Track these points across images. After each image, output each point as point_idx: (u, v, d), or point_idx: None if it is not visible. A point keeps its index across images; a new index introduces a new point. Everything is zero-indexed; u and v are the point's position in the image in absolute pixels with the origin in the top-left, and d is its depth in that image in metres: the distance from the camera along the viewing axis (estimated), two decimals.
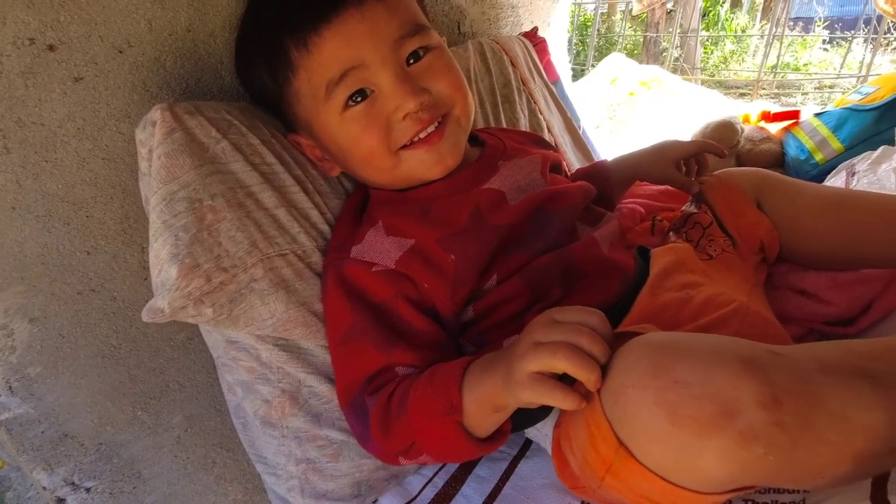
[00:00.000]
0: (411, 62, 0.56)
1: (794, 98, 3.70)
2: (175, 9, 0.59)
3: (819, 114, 1.39)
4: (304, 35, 0.52)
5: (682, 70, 3.97)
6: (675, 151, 0.72)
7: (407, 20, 0.55)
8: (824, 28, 5.17)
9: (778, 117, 1.49)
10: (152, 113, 0.52)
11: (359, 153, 0.57)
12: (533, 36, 1.13)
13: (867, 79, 2.62)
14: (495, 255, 0.57)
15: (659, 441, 0.36)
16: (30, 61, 0.50)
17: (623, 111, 2.05)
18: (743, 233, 0.65)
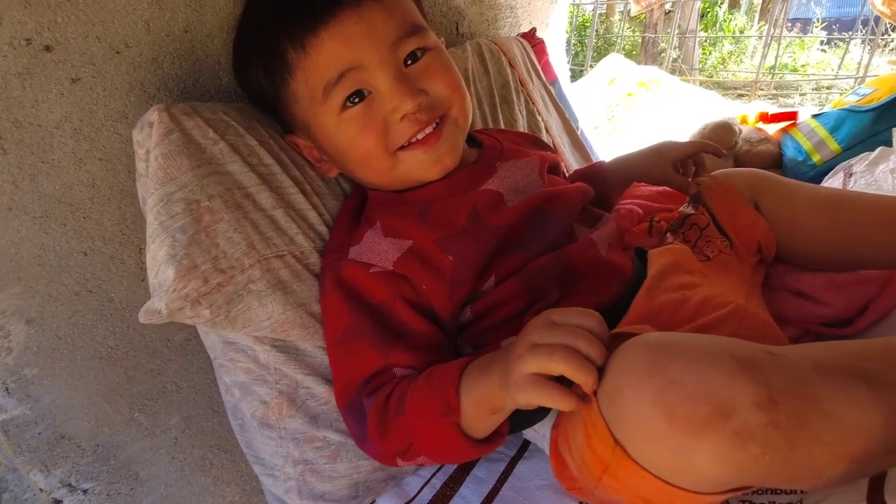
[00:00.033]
0: (409, 63, 0.56)
1: (792, 99, 3.70)
2: (173, 10, 0.59)
3: (817, 115, 1.40)
4: (302, 36, 0.52)
5: (681, 71, 3.97)
6: (673, 152, 0.72)
7: (404, 21, 0.55)
8: (822, 29, 5.19)
9: (776, 118, 1.49)
10: (149, 114, 0.52)
11: (356, 154, 0.57)
12: (531, 37, 1.13)
13: (865, 80, 2.62)
14: (493, 257, 0.57)
15: (655, 441, 0.36)
16: (26, 62, 0.50)
17: (621, 112, 2.05)
18: (740, 234, 0.65)
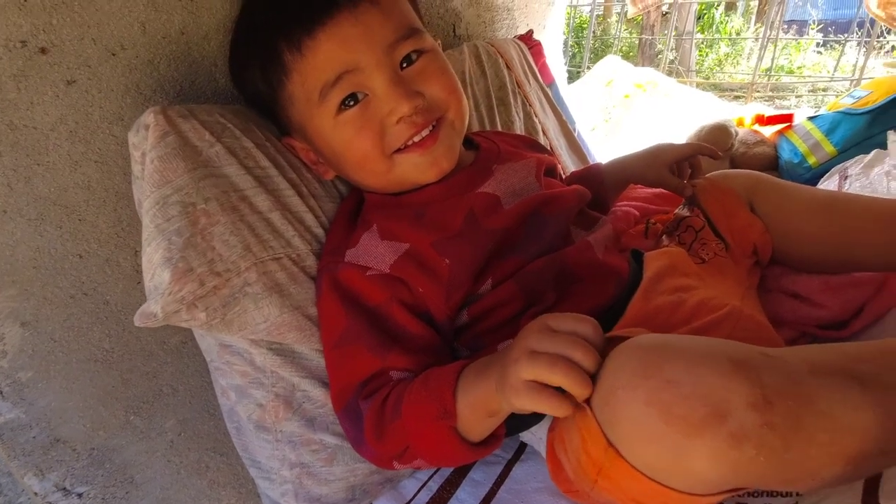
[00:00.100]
0: (405, 66, 0.56)
1: (788, 101, 3.72)
2: (169, 11, 0.59)
3: (812, 117, 1.40)
4: (298, 38, 0.52)
5: (677, 72, 3.99)
6: (669, 154, 0.72)
7: (401, 24, 0.55)
8: (818, 31, 5.21)
9: (772, 121, 1.50)
10: (145, 116, 0.52)
11: (352, 157, 0.57)
12: (528, 39, 1.13)
13: (860, 82, 2.64)
14: (490, 259, 0.57)
15: (649, 441, 0.36)
16: (22, 64, 0.50)
17: (618, 113, 2.06)
18: (735, 236, 0.65)
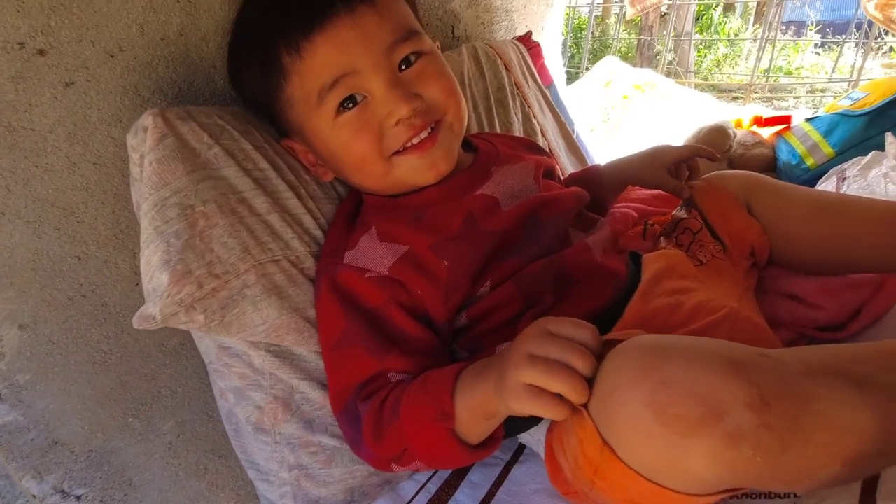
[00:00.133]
0: (403, 68, 0.56)
1: (787, 101, 3.72)
2: (167, 13, 0.59)
3: (810, 119, 1.41)
4: (297, 41, 0.52)
5: (676, 73, 3.99)
6: (667, 156, 0.72)
7: (399, 26, 0.55)
8: (816, 32, 5.22)
9: (770, 122, 1.50)
10: (144, 118, 0.52)
11: (351, 159, 0.57)
12: (527, 40, 1.13)
13: (858, 83, 2.64)
14: (488, 261, 0.57)
15: (647, 441, 0.36)
16: (20, 66, 0.50)
17: (617, 114, 2.06)
18: (733, 237, 0.65)
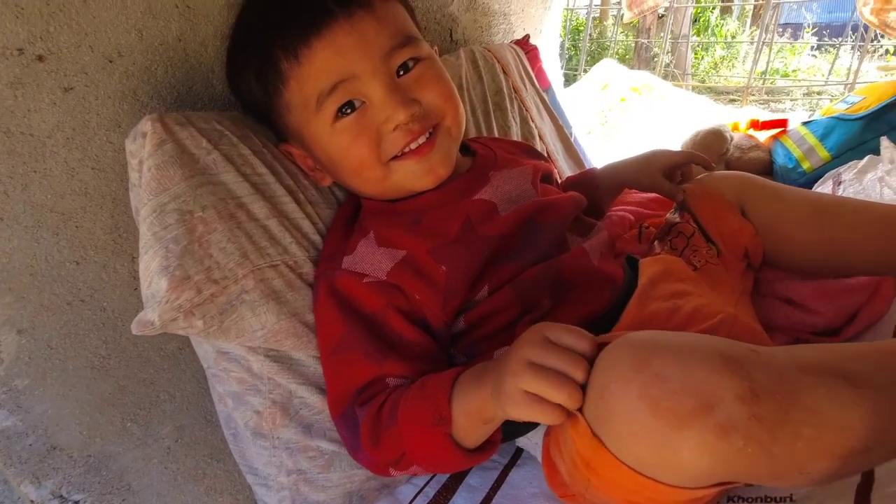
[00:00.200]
0: (401, 73, 0.56)
1: (783, 104, 3.73)
2: (166, 18, 0.59)
3: (807, 122, 1.41)
4: (295, 47, 0.53)
5: (673, 76, 4.00)
6: (662, 160, 0.72)
7: (397, 31, 0.56)
8: (813, 34, 5.24)
9: (766, 125, 1.50)
10: (142, 124, 0.52)
11: (349, 164, 0.57)
12: (525, 44, 1.14)
13: (854, 85, 2.65)
14: (486, 266, 0.57)
15: (640, 436, 0.36)
16: (19, 71, 0.50)
17: (615, 117, 2.06)
18: (726, 239, 0.65)
